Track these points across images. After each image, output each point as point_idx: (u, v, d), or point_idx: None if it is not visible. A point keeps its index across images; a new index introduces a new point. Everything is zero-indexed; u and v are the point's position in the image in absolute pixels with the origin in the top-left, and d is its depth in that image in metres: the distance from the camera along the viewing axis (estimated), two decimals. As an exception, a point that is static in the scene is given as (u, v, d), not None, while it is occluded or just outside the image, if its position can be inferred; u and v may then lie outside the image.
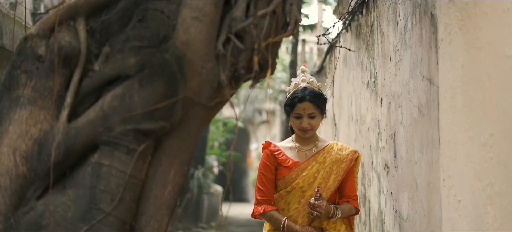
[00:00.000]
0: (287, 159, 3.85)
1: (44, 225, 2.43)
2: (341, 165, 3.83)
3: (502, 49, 2.42)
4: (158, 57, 2.52)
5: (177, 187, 2.65)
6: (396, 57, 4.28)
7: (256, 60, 2.70)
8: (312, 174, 3.81)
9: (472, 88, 2.75)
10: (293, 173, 3.82)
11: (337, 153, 3.85)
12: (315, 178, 3.81)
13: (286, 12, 2.80)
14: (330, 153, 3.85)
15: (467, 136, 2.84)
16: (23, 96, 2.52)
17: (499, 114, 2.49)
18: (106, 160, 2.48)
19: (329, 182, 3.81)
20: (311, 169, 3.82)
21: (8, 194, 2.42)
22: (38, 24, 2.58)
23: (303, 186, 3.81)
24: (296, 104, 3.78)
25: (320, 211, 3.67)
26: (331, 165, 3.82)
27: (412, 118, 3.88)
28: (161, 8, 2.56)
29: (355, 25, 6.20)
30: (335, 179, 3.82)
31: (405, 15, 3.98)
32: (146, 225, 2.57)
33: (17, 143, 2.47)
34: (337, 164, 3.83)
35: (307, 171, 3.82)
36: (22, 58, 2.55)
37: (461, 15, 2.83)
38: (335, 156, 3.84)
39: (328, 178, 3.81)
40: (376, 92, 5.16)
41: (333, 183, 3.82)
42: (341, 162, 3.83)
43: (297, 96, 3.79)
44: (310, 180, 3.81)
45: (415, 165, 3.77)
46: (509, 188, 2.42)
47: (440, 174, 3.24)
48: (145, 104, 2.49)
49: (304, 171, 3.82)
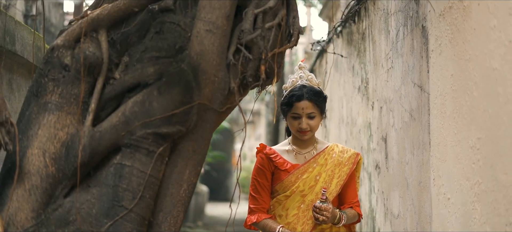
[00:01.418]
0: (284, 162, 3.49)
1: (71, 221, 2.65)
2: (343, 169, 3.48)
3: (488, 62, 2.60)
4: (174, 66, 2.74)
5: (191, 186, 2.88)
6: (387, 64, 4.50)
7: (263, 69, 2.93)
8: (313, 177, 3.46)
9: (461, 95, 2.94)
10: (292, 176, 3.45)
11: (339, 156, 3.50)
12: (316, 181, 3.46)
13: (289, 24, 3.04)
14: (331, 155, 3.50)
15: (456, 139, 3.03)
16: (50, 102, 2.72)
17: (486, 120, 2.67)
18: (128, 161, 2.69)
19: (331, 186, 3.45)
20: (312, 171, 3.46)
21: (39, 193, 2.62)
22: (64, 36, 2.78)
23: (304, 189, 3.45)
24: (294, 103, 3.42)
25: (327, 215, 3.28)
26: (333, 168, 3.47)
27: (403, 122, 4.10)
28: (177, 21, 2.78)
29: (346, 32, 6.40)
30: (338, 183, 3.47)
31: (397, 25, 4.19)
32: (163, 221, 2.80)
33: (46, 145, 2.67)
34: (339, 167, 3.48)
35: (307, 174, 3.46)
36: (49, 67, 2.75)
37: (451, 29, 3.04)
38: (337, 159, 3.49)
39: (330, 182, 3.46)
40: (367, 97, 5.37)
41: (335, 187, 3.46)
42: (343, 165, 3.49)
43: (294, 94, 3.44)
44: (311, 183, 3.45)
45: (406, 165, 3.99)
46: (494, 187, 2.60)
47: (430, 174, 3.45)
48: (163, 110, 2.71)
49: (304, 174, 3.46)
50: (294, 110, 3.42)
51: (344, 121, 6.81)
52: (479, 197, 2.76)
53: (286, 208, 3.47)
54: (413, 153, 3.86)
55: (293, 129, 3.46)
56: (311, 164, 3.47)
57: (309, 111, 3.41)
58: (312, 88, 3.46)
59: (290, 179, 3.46)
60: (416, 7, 3.72)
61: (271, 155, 3.52)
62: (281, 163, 3.49)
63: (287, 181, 3.46)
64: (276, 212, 3.49)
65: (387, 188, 4.58)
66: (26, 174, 2.62)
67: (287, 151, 3.54)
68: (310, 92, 3.43)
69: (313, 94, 3.43)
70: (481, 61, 2.70)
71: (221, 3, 2.77)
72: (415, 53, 3.74)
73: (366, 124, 5.47)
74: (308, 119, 3.42)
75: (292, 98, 3.43)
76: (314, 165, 3.47)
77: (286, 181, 3.46)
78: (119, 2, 2.82)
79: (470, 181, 2.86)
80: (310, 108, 3.41)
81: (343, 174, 3.47)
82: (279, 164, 3.49)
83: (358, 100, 5.79)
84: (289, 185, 3.46)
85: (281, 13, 2.97)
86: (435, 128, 3.36)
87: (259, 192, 3.50)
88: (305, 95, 3.41)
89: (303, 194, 3.45)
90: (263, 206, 3.50)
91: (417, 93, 3.73)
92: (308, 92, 3.42)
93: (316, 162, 3.48)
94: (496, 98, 2.55)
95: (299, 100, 3.41)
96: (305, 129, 3.42)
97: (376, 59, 4.97)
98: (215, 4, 2.77)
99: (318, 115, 3.45)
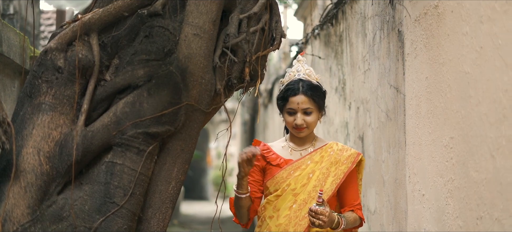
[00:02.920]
0: (278, 158, 3.28)
1: (64, 217, 2.75)
2: (341, 167, 3.21)
3: (461, 66, 2.73)
4: (163, 69, 2.85)
5: (179, 184, 2.99)
6: (364, 66, 4.65)
7: (248, 71, 3.06)
8: (306, 174, 3.21)
9: (435, 97, 3.06)
10: (284, 172, 3.22)
11: (337, 154, 3.25)
12: (309, 179, 3.20)
13: (272, 29, 3.17)
14: (328, 153, 3.25)
15: (430, 138, 3.16)
16: (44, 103, 2.82)
17: (458, 120, 2.79)
18: (119, 159, 2.81)
19: (325, 185, 3.18)
20: (305, 168, 3.21)
21: (34, 190, 2.73)
22: (56, 39, 2.88)
23: (296, 188, 3.19)
24: (289, 97, 3.20)
25: (323, 219, 3.00)
26: (328, 166, 3.21)
27: (379, 121, 4.24)
28: (166, 25, 2.90)
29: (324, 34, 6.53)
30: (333, 182, 3.19)
31: (374, 29, 4.33)
32: (152, 216, 2.92)
33: (41, 144, 2.77)
34: (336, 165, 3.22)
35: (300, 171, 3.21)
36: (43, 69, 2.84)
37: (426, 34, 3.18)
38: (334, 157, 3.23)
39: (324, 181, 3.19)
40: (344, 97, 5.52)
41: (330, 186, 3.18)
42: (340, 164, 3.22)
43: (290, 88, 3.22)
44: (304, 181, 3.19)
45: (383, 163, 4.14)
46: (466, 183, 2.72)
47: (406, 172, 3.59)
48: (153, 110, 2.83)
49: (297, 171, 3.21)
50: (289, 105, 3.21)
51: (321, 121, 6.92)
52: (452, 193, 2.88)
53: (277, 208, 3.22)
54: (389, 152, 4.00)
55: (289, 125, 3.26)
56: (305, 161, 3.24)
57: (305, 106, 3.19)
58: (309, 82, 3.24)
59: (282, 175, 3.23)
60: (393, 12, 3.86)
61: (264, 150, 3.31)
62: (274, 159, 3.29)
63: (279, 177, 3.23)
64: (266, 214, 3.25)
65: (364, 185, 4.71)
66: (21, 172, 2.71)
67: (282, 147, 3.34)
68: (307, 86, 3.22)
69: (310, 88, 3.22)
70: (454, 65, 2.82)
71: (208, 9, 2.89)
72: (391, 56, 3.88)
73: (343, 123, 5.61)
74: (304, 115, 3.21)
75: (287, 93, 3.23)
76: (308, 162, 3.24)
77: (278, 177, 3.23)
78: (110, 6, 2.92)
79: (444, 178, 2.98)
80: (306, 103, 3.19)
81: (340, 173, 3.20)
82: (271, 159, 3.29)
83: (335, 100, 5.93)
84: (280, 182, 3.23)
85: (264, 18, 3.09)
86: (411, 128, 3.49)
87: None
88: (301, 89, 3.20)
89: (295, 193, 3.20)
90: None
91: (393, 94, 3.87)
92: (304, 86, 3.21)
93: (311, 159, 3.25)
94: (468, 100, 2.67)
95: (294, 94, 3.20)
96: (301, 126, 3.20)
97: (353, 61, 5.11)
98: (202, 10, 2.89)
99: (315, 111, 3.23)
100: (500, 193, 2.40)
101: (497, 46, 2.40)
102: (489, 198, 2.49)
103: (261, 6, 3.04)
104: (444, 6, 2.94)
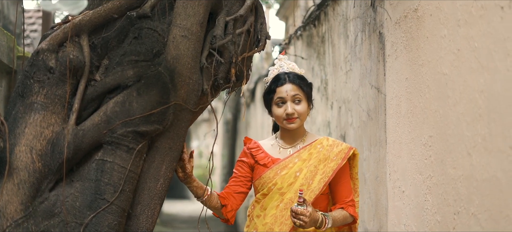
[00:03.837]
0: (266, 157, 3.20)
1: (56, 213, 2.81)
2: (330, 164, 3.10)
3: (439, 67, 2.81)
4: (152, 69, 2.92)
5: (167, 181, 3.06)
6: (346, 67, 4.73)
7: (234, 72, 3.14)
8: (293, 173, 3.12)
9: (415, 97, 3.14)
10: (270, 171, 3.14)
11: (326, 150, 3.13)
12: (296, 178, 3.11)
13: (257, 30, 3.24)
14: (317, 149, 3.14)
15: (410, 137, 3.24)
16: (36, 102, 2.87)
17: (437, 120, 2.87)
18: (109, 157, 2.87)
19: (313, 183, 3.08)
20: (293, 167, 3.12)
21: (27, 187, 2.78)
22: (48, 40, 2.93)
23: (282, 187, 3.12)
24: (277, 88, 3.14)
25: (304, 219, 2.91)
26: (316, 163, 3.10)
27: (361, 121, 4.32)
28: (154, 27, 2.97)
29: (306, 35, 6.61)
30: (321, 180, 3.08)
31: (355, 31, 4.42)
32: (141, 212, 2.98)
33: (33, 143, 2.83)
34: (324, 162, 3.11)
35: (287, 169, 3.12)
36: (35, 70, 2.89)
37: (406, 36, 3.26)
38: (323, 154, 3.12)
39: (312, 179, 3.09)
40: (326, 97, 5.60)
41: (318, 185, 3.08)
42: (329, 161, 3.11)
43: (276, 80, 3.18)
44: (290, 180, 3.11)
45: (364, 161, 4.22)
46: (444, 180, 2.80)
47: (386, 169, 3.67)
48: (142, 110, 2.89)
49: (284, 170, 3.13)
50: (277, 95, 3.14)
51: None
52: (431, 190, 2.96)
53: (264, 207, 3.17)
54: (370, 150, 4.08)
55: (280, 119, 3.15)
56: (293, 159, 3.15)
57: (294, 93, 3.12)
58: (295, 73, 3.20)
59: (268, 175, 3.16)
60: (374, 15, 3.94)
61: (252, 149, 3.26)
62: (262, 158, 3.22)
63: (266, 177, 3.16)
64: (254, 213, 3.22)
65: (345, 183, 4.80)
66: (14, 169, 2.77)
67: (272, 145, 3.26)
68: (293, 76, 3.17)
69: (296, 77, 3.17)
70: (433, 67, 2.91)
71: (195, 11, 2.96)
72: (372, 57, 3.96)
73: (325, 122, 5.69)
74: (294, 104, 3.12)
75: (274, 84, 3.17)
76: (295, 160, 3.15)
77: (264, 177, 3.17)
78: (100, 9, 2.97)
79: (423, 175, 3.06)
80: (294, 90, 3.12)
81: (328, 171, 3.09)
82: (259, 158, 3.22)
83: (318, 100, 6.00)
84: (267, 182, 3.16)
85: (249, 20, 3.16)
86: (391, 127, 3.57)
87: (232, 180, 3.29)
88: (288, 79, 3.15)
89: (281, 192, 3.13)
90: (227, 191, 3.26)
91: (374, 94, 3.95)
92: (290, 76, 3.16)
93: (298, 157, 3.15)
94: (446, 100, 2.75)
95: (281, 84, 3.14)
96: (292, 115, 3.11)
97: (335, 62, 5.19)
98: (190, 12, 2.95)
99: (304, 100, 3.14)
100: (476, 189, 2.48)
101: (473, 48, 2.48)
102: (466, 194, 2.57)
103: (247, 8, 3.11)
104: (423, 9, 3.03)
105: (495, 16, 2.31)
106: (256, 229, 3.20)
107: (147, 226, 3.00)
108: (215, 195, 3.22)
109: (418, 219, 3.14)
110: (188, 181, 3.17)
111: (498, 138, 2.31)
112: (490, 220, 2.37)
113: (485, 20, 2.39)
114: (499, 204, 2.30)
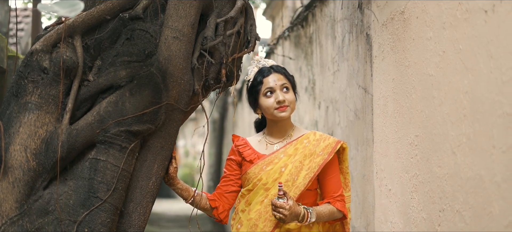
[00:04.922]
0: (252, 153, 3.18)
1: (50, 211, 2.85)
2: (315, 160, 3.05)
3: (425, 68, 2.86)
4: (144, 70, 2.96)
5: (159, 179, 3.10)
6: (334, 67, 4.78)
7: (224, 73, 3.19)
8: (278, 168, 3.08)
9: (401, 97, 3.18)
10: (256, 167, 3.11)
11: (313, 145, 3.08)
12: (281, 173, 3.07)
13: (247, 32, 3.29)
14: (304, 144, 3.10)
15: (396, 136, 3.28)
16: (30, 102, 2.90)
17: (423, 120, 2.91)
18: (102, 156, 2.91)
19: (298, 179, 3.04)
20: (278, 162, 3.09)
21: (22, 185, 2.82)
22: (42, 41, 2.96)
23: (267, 183, 3.08)
24: (263, 78, 3.14)
25: (283, 212, 2.88)
26: (302, 159, 3.06)
27: (348, 120, 4.37)
28: (146, 28, 3.01)
29: (294, 35, 6.66)
30: (307, 176, 3.04)
31: (343, 32, 4.47)
32: (134, 210, 3.02)
33: (27, 142, 2.87)
34: (310, 158, 3.06)
35: (272, 165, 3.09)
36: (29, 70, 2.93)
37: (392, 38, 3.31)
38: (309, 149, 3.08)
39: (297, 175, 3.05)
40: (314, 97, 5.65)
41: (303, 180, 3.03)
42: (315, 156, 3.06)
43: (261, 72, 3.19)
44: (275, 175, 3.07)
45: (351, 160, 4.26)
46: (430, 178, 2.84)
47: (373, 168, 3.71)
48: (135, 110, 2.93)
49: (269, 165, 3.10)
50: (265, 86, 3.12)
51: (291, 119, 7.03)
52: (417, 188, 3.00)
53: (249, 202, 3.15)
54: (357, 149, 4.13)
55: (270, 109, 3.11)
56: (278, 155, 3.12)
57: (282, 81, 3.12)
58: (278, 64, 3.25)
59: (253, 171, 3.13)
60: (361, 16, 3.99)
61: (240, 146, 3.25)
62: (248, 154, 3.19)
63: (251, 173, 3.14)
64: (239, 207, 3.20)
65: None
66: (9, 168, 2.81)
67: (259, 142, 3.23)
68: (276, 66, 3.20)
69: (281, 67, 3.20)
70: (419, 68, 2.95)
71: (187, 13, 3.00)
72: (359, 58, 4.01)
73: (313, 122, 5.73)
74: (283, 92, 3.11)
75: (260, 75, 3.17)
76: (281, 155, 3.11)
77: (250, 173, 3.14)
78: (93, 10, 3.01)
79: (409, 173, 3.11)
80: (282, 79, 3.13)
81: (314, 166, 3.04)
82: (246, 155, 3.20)
83: (305, 100, 6.05)
84: (252, 177, 3.13)
85: (240, 21, 3.20)
86: (378, 126, 3.62)
87: (222, 180, 3.28)
88: (273, 69, 3.17)
89: (266, 187, 3.10)
90: (219, 192, 3.26)
91: (361, 94, 3.99)
92: (274, 67, 3.19)
93: (284, 153, 3.11)
94: (432, 100, 2.80)
95: (268, 74, 3.15)
96: (283, 102, 3.08)
97: (323, 62, 5.24)
98: (181, 13, 3.00)
99: (291, 89, 3.14)
100: (460, 187, 2.53)
101: (458, 50, 2.53)
102: (451, 192, 2.62)
103: (237, 10, 3.16)
104: (410, 12, 3.08)
105: (479, 20, 2.36)
106: (241, 224, 3.19)
107: (139, 224, 3.04)
108: (204, 196, 3.24)
109: (404, 216, 3.18)
110: (171, 183, 3.20)
111: (482, 137, 2.35)
112: (474, 217, 2.42)
113: (470, 23, 2.43)
114: (483, 202, 2.35)
